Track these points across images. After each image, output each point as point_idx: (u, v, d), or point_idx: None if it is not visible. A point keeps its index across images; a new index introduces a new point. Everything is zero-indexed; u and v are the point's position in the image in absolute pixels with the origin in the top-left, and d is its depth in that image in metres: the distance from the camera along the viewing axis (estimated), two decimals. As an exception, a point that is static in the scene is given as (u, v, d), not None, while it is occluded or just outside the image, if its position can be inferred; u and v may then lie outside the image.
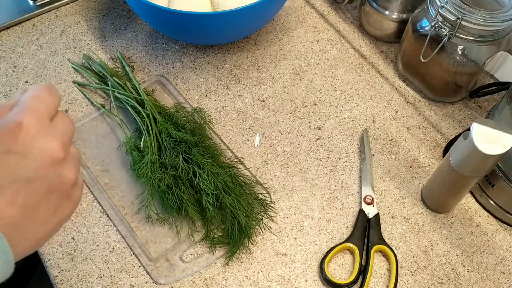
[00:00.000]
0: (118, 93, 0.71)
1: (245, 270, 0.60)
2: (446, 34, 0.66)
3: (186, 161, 0.63)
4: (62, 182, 0.37)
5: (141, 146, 0.65)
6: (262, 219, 0.63)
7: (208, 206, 0.60)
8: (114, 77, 0.72)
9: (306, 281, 0.60)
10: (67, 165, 0.38)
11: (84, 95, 0.74)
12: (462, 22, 0.64)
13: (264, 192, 0.65)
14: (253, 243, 0.62)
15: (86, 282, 0.58)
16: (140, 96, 0.69)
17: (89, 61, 0.77)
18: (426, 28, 0.70)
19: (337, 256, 0.62)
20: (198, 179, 0.61)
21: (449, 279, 0.61)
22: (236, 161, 0.67)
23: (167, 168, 0.63)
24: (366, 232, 0.63)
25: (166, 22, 0.72)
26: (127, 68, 0.74)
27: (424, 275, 0.61)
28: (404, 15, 0.78)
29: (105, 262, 0.60)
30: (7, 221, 0.34)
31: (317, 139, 0.72)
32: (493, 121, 0.54)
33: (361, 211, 0.64)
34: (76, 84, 0.75)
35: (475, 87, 0.74)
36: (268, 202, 0.64)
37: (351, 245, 0.61)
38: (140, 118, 0.67)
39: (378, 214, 0.64)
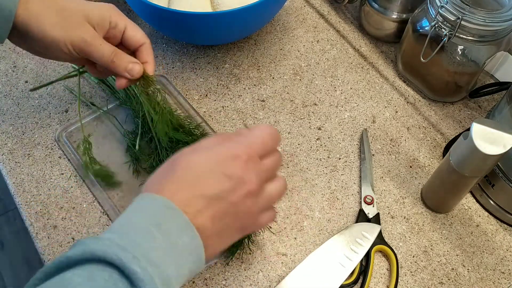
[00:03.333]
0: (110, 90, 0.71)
1: (245, 270, 0.60)
2: (446, 34, 0.66)
3: None
4: (245, 212, 0.44)
5: (137, 147, 0.65)
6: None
7: None
8: (114, 76, 0.72)
9: (306, 281, 0.60)
10: (256, 201, 0.44)
11: (79, 98, 0.74)
12: (462, 22, 0.64)
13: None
14: (253, 243, 0.62)
15: (86, 282, 0.58)
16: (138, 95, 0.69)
17: None
18: (426, 28, 0.70)
19: (337, 256, 0.62)
20: None
21: (449, 279, 0.61)
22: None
23: None
24: (366, 232, 0.63)
25: (166, 22, 0.72)
26: None
27: (424, 275, 0.61)
28: (404, 15, 0.78)
29: (105, 262, 0.60)
30: (205, 233, 0.41)
31: (317, 139, 0.72)
32: (493, 121, 0.54)
33: (361, 211, 0.64)
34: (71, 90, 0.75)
35: (475, 87, 0.74)
36: None
37: (351, 245, 0.61)
38: (139, 117, 0.68)
39: (378, 214, 0.64)
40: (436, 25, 0.67)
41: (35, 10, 0.51)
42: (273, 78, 0.78)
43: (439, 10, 0.66)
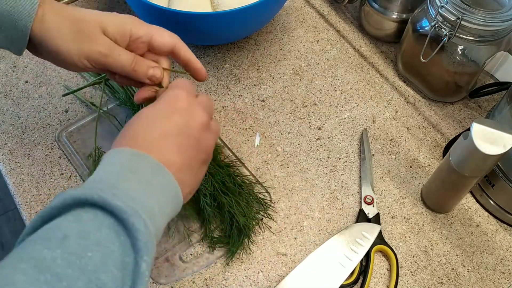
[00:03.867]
0: (111, 91, 0.71)
1: (245, 270, 0.60)
2: (446, 34, 0.66)
3: None
4: (206, 145, 0.48)
5: None
6: (262, 219, 0.63)
7: (206, 206, 0.60)
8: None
9: (306, 281, 0.60)
10: (211, 132, 0.49)
11: (79, 98, 0.73)
12: (462, 22, 0.64)
13: (264, 192, 0.65)
14: (253, 243, 0.62)
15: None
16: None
17: None
18: (426, 28, 0.70)
19: (337, 256, 0.62)
20: None
21: (449, 279, 0.61)
22: (235, 161, 0.67)
23: None
24: (366, 232, 0.63)
25: (166, 22, 0.72)
26: None
27: (424, 275, 0.61)
28: (404, 15, 0.78)
29: (105, 262, 0.60)
30: (175, 167, 0.44)
31: (317, 139, 0.72)
32: (493, 121, 0.54)
33: (361, 211, 0.64)
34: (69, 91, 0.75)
35: (475, 87, 0.74)
36: (268, 202, 0.64)
37: (351, 245, 0.61)
38: None
39: (378, 214, 0.64)
40: (436, 25, 0.67)
41: (50, 24, 0.50)
42: (273, 78, 0.78)
43: (439, 10, 0.66)
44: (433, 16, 0.68)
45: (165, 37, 0.54)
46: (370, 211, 0.64)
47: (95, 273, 0.34)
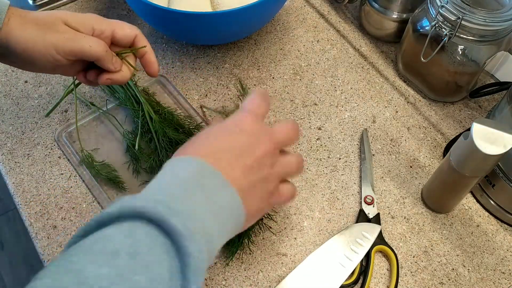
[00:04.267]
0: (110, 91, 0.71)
1: (245, 270, 0.60)
2: (446, 34, 0.66)
3: None
4: (268, 175, 0.45)
5: (136, 147, 0.65)
6: (262, 219, 0.63)
7: None
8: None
9: (306, 281, 0.60)
10: (276, 164, 0.46)
11: (78, 97, 0.73)
12: (463, 22, 0.63)
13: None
14: (253, 243, 0.62)
15: (85, 282, 0.58)
16: (138, 96, 0.69)
17: None
18: (427, 28, 0.70)
19: (337, 256, 0.62)
20: None
21: (449, 279, 0.61)
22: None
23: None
24: (366, 232, 0.63)
25: (166, 22, 0.72)
26: None
27: (425, 275, 0.61)
28: (404, 15, 0.78)
29: (105, 262, 0.60)
30: (238, 185, 0.42)
31: (317, 139, 0.72)
32: (494, 121, 0.54)
33: (361, 211, 0.64)
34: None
35: (475, 87, 0.74)
36: None
37: (351, 245, 0.61)
38: (139, 117, 0.67)
39: (378, 214, 0.64)
40: (437, 25, 0.67)
41: (14, 25, 0.50)
42: (273, 78, 0.78)
43: (440, 10, 0.65)
44: (433, 16, 0.68)
45: (126, 30, 0.56)
46: (370, 211, 0.64)
47: None
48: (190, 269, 0.35)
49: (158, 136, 0.65)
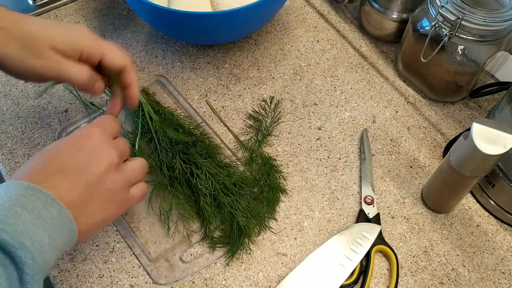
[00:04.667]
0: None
1: (245, 270, 0.60)
2: (446, 34, 0.66)
3: (184, 161, 0.63)
4: (112, 188, 0.48)
5: (136, 147, 0.65)
6: (262, 219, 0.63)
7: (206, 206, 0.60)
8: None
9: (306, 281, 0.60)
10: (120, 175, 0.49)
11: (76, 96, 0.73)
12: (463, 22, 0.63)
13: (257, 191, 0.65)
14: (253, 243, 0.62)
15: (86, 283, 0.58)
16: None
17: None
18: (427, 28, 0.70)
19: (337, 256, 0.62)
20: (196, 179, 0.61)
21: (449, 279, 0.61)
22: (236, 161, 0.67)
23: (162, 169, 0.63)
24: (366, 232, 0.63)
25: (166, 22, 0.72)
26: None
27: (425, 275, 0.61)
28: (404, 15, 0.78)
29: (105, 262, 0.60)
30: (69, 201, 0.44)
31: (317, 139, 0.72)
32: (494, 121, 0.54)
33: (361, 211, 0.64)
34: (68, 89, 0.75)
35: (475, 87, 0.74)
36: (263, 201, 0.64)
37: (351, 245, 0.61)
38: (139, 117, 0.67)
39: (378, 214, 0.64)
40: (437, 25, 0.67)
41: None
42: (273, 78, 0.78)
43: (440, 10, 0.65)
44: (433, 16, 0.68)
45: (116, 60, 0.53)
46: (370, 211, 0.64)
47: None
48: (28, 275, 0.38)
49: (158, 136, 0.65)
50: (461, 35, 0.66)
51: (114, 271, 0.60)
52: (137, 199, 0.52)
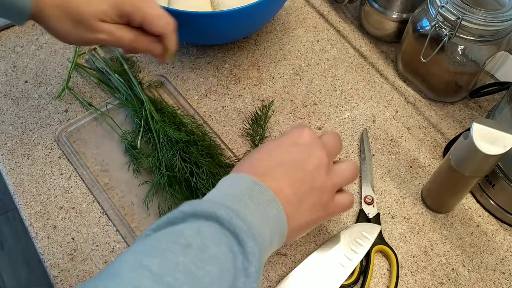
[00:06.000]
0: (114, 87, 0.71)
1: (245, 270, 0.60)
2: (446, 34, 0.66)
3: (184, 160, 0.63)
4: (321, 187, 0.47)
5: (138, 145, 0.65)
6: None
7: None
8: (117, 75, 0.72)
9: (306, 281, 0.60)
10: (329, 175, 0.48)
11: (77, 98, 0.73)
12: (463, 22, 0.63)
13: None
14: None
15: (86, 282, 0.58)
16: (140, 94, 0.69)
17: (93, 57, 0.76)
18: (427, 28, 0.70)
19: (337, 256, 0.62)
20: (196, 178, 0.61)
21: (449, 279, 0.61)
22: (236, 161, 0.67)
23: (160, 168, 0.63)
24: (366, 232, 0.63)
25: (166, 22, 0.72)
26: (125, 66, 0.74)
27: (425, 275, 0.61)
28: (404, 15, 0.78)
29: (105, 262, 0.60)
30: (285, 197, 0.45)
31: (317, 139, 0.72)
32: (494, 121, 0.54)
33: (361, 211, 0.64)
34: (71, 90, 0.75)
35: (475, 87, 0.74)
36: None
37: (351, 245, 0.61)
38: (141, 116, 0.68)
39: (378, 214, 0.64)
40: (436, 25, 0.67)
41: (49, 13, 0.53)
42: (273, 78, 0.78)
43: (439, 10, 0.65)
44: (433, 16, 0.68)
45: (154, 28, 0.57)
46: (370, 211, 0.64)
47: (211, 285, 0.36)
48: (254, 268, 0.38)
49: (158, 135, 0.65)
50: (461, 35, 0.66)
51: (114, 271, 0.59)
52: (342, 208, 0.51)
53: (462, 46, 0.67)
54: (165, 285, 0.33)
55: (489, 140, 0.53)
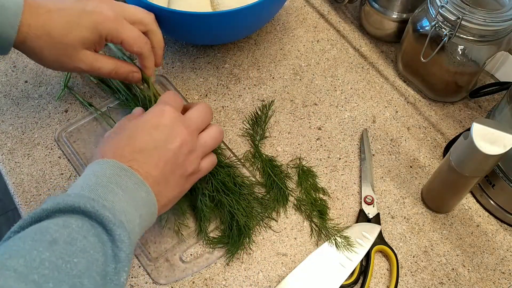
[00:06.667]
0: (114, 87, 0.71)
1: (245, 270, 0.60)
2: (446, 34, 0.66)
3: None
4: (185, 163, 0.51)
5: None
6: (262, 219, 0.63)
7: (203, 206, 0.60)
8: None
9: (306, 281, 0.60)
10: (194, 147, 0.52)
11: (77, 98, 0.73)
12: (462, 22, 0.63)
13: (264, 192, 0.65)
14: (253, 243, 0.62)
15: (86, 282, 0.58)
16: (139, 94, 0.69)
17: None
18: (426, 28, 0.70)
19: (337, 256, 0.62)
20: None
21: (449, 279, 0.61)
22: (236, 161, 0.67)
23: None
24: (366, 232, 0.63)
25: (166, 22, 0.72)
26: None
27: (425, 275, 0.61)
28: (404, 15, 0.78)
29: (105, 262, 0.60)
30: (153, 179, 0.48)
31: (317, 139, 0.72)
32: (494, 121, 0.54)
33: (361, 211, 0.64)
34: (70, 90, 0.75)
35: (475, 87, 0.74)
36: (267, 202, 0.64)
37: (351, 245, 0.61)
38: None
39: (378, 214, 0.64)
40: (436, 25, 0.67)
41: (33, 44, 0.54)
42: (273, 78, 0.78)
43: (439, 10, 0.66)
44: (433, 16, 0.68)
45: (133, 46, 0.59)
46: (370, 211, 0.64)
47: (79, 278, 0.37)
48: (124, 254, 0.40)
49: None
50: (461, 35, 0.66)
51: (114, 271, 0.59)
52: (205, 172, 0.56)
53: (462, 46, 0.67)
54: (31, 283, 0.34)
55: (489, 140, 0.53)
